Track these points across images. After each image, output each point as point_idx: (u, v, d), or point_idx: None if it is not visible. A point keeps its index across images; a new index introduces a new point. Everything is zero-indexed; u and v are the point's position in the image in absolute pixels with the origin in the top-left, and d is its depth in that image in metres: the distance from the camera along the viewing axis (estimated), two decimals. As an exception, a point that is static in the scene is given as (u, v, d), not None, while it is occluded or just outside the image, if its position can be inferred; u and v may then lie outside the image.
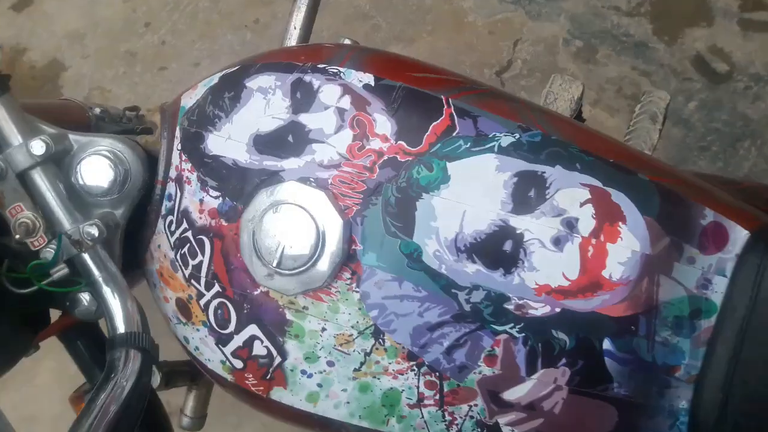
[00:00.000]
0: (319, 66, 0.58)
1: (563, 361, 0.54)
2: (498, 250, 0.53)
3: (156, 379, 0.80)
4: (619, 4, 1.74)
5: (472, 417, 0.56)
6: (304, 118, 0.56)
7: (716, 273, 0.54)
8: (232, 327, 0.58)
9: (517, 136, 0.55)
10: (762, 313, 0.53)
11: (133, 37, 1.98)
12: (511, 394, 0.55)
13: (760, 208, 0.63)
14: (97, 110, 0.82)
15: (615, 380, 0.54)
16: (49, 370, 1.49)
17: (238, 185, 0.57)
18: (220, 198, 0.58)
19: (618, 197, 0.54)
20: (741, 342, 0.53)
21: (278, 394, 0.58)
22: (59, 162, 0.58)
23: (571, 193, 0.53)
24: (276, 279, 0.54)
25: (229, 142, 0.58)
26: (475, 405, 0.55)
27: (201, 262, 0.58)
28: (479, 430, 0.56)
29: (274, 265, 0.53)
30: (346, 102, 0.56)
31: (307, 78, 0.57)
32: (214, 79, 0.62)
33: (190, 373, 0.87)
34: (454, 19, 1.79)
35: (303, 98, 0.57)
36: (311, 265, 0.53)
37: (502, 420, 0.56)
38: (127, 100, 1.96)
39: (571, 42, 1.73)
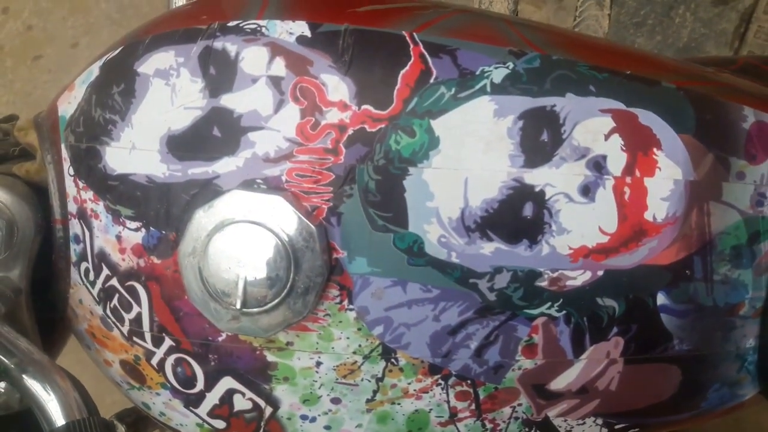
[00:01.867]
0: (229, 24, 0.43)
1: (614, 330, 0.44)
2: (517, 218, 0.41)
3: (121, 435, 0.68)
4: None
5: (517, 418, 0.46)
6: (227, 100, 0.42)
7: None
8: (200, 385, 0.45)
9: (511, 65, 0.42)
10: None
11: (-9, 29, 1.71)
12: (560, 383, 0.45)
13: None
14: None
15: (675, 337, 0.45)
16: None
17: (161, 208, 0.43)
18: (143, 229, 0.43)
19: (647, 118, 0.43)
20: None
21: (279, 448, 0.47)
22: None
23: (592, 125, 0.42)
24: (244, 321, 0.41)
25: (135, 152, 0.43)
26: (519, 404, 0.45)
27: (139, 314, 0.45)
28: (527, 429, 0.47)
29: (238, 305, 0.40)
30: (279, 67, 0.42)
31: (219, 44, 0.43)
32: (93, 71, 0.47)
33: (159, 412, 0.75)
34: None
35: (220, 73, 0.42)
36: (286, 294, 0.40)
37: (552, 412, 0.46)
38: (6, 103, 1.72)
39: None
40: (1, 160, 0.58)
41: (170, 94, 0.43)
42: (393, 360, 0.43)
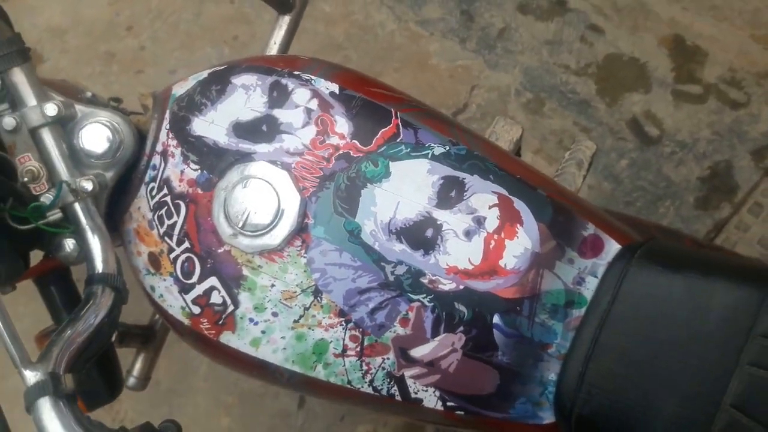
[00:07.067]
0: (294, 72, 0.71)
1: (461, 328, 0.66)
2: (421, 235, 0.66)
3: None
4: (569, 63, 1.91)
5: (384, 369, 0.68)
6: (277, 112, 0.69)
7: (590, 274, 0.68)
8: (195, 278, 0.69)
9: (447, 148, 0.69)
10: (617, 308, 0.67)
11: (113, 39, 2.05)
12: (417, 352, 0.67)
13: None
14: (89, 93, 0.93)
15: (500, 349, 0.67)
16: None
17: (215, 161, 0.69)
18: (199, 170, 0.69)
19: (519, 205, 0.68)
20: (600, 330, 0.66)
21: (227, 338, 0.69)
22: (64, 125, 0.69)
23: (483, 198, 0.67)
24: (239, 238, 0.66)
25: (212, 126, 0.70)
26: (388, 358, 0.68)
27: (175, 222, 0.70)
28: (388, 380, 0.68)
29: (240, 226, 0.65)
30: (313, 104, 0.69)
31: (284, 81, 0.70)
32: (204, 74, 0.75)
33: (141, 336, 0.97)
34: (420, 60, 1.95)
35: (278, 97, 0.70)
36: (270, 231, 0.65)
37: (407, 373, 0.68)
38: (102, 98, 2.03)
39: (522, 93, 1.90)
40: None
41: (246, 99, 0.70)
42: (319, 298, 0.67)
